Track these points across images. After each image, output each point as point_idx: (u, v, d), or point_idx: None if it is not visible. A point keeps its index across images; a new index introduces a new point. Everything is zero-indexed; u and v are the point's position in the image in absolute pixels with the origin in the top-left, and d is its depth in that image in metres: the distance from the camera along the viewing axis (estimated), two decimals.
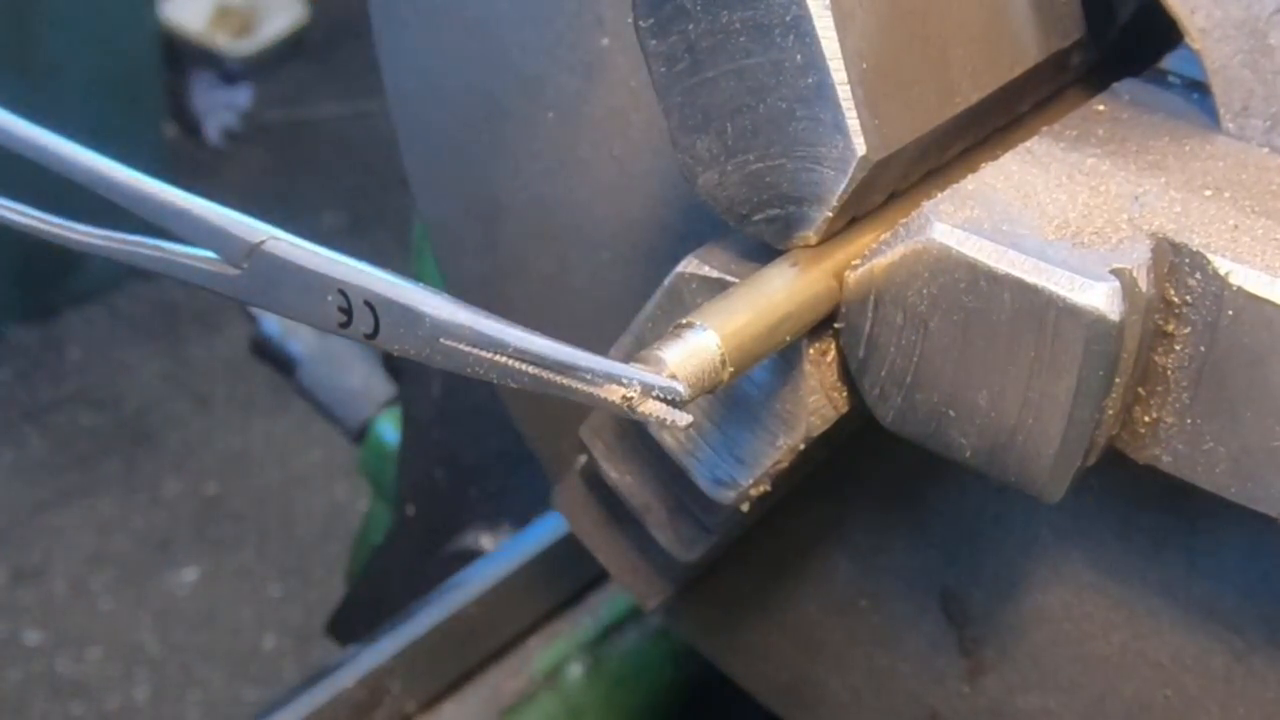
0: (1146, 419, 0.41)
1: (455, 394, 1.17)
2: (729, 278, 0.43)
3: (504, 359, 0.35)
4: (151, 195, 0.41)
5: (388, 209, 2.66)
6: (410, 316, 0.37)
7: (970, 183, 0.41)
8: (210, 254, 0.40)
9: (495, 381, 0.36)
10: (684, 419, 0.35)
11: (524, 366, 0.35)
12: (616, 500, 0.48)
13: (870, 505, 0.51)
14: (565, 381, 0.35)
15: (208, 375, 2.43)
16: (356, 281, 0.38)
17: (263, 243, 0.39)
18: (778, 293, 0.40)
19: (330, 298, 0.38)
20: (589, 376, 0.35)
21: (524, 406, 0.59)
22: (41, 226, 0.43)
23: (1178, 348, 0.40)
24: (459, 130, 0.54)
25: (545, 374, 0.35)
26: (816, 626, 0.55)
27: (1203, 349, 0.39)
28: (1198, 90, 0.44)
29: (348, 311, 0.38)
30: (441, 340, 0.36)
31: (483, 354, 0.36)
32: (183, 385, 2.43)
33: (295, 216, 2.50)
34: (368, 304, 0.37)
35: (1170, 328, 0.40)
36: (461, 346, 0.36)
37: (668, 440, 0.45)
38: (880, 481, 0.50)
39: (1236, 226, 0.39)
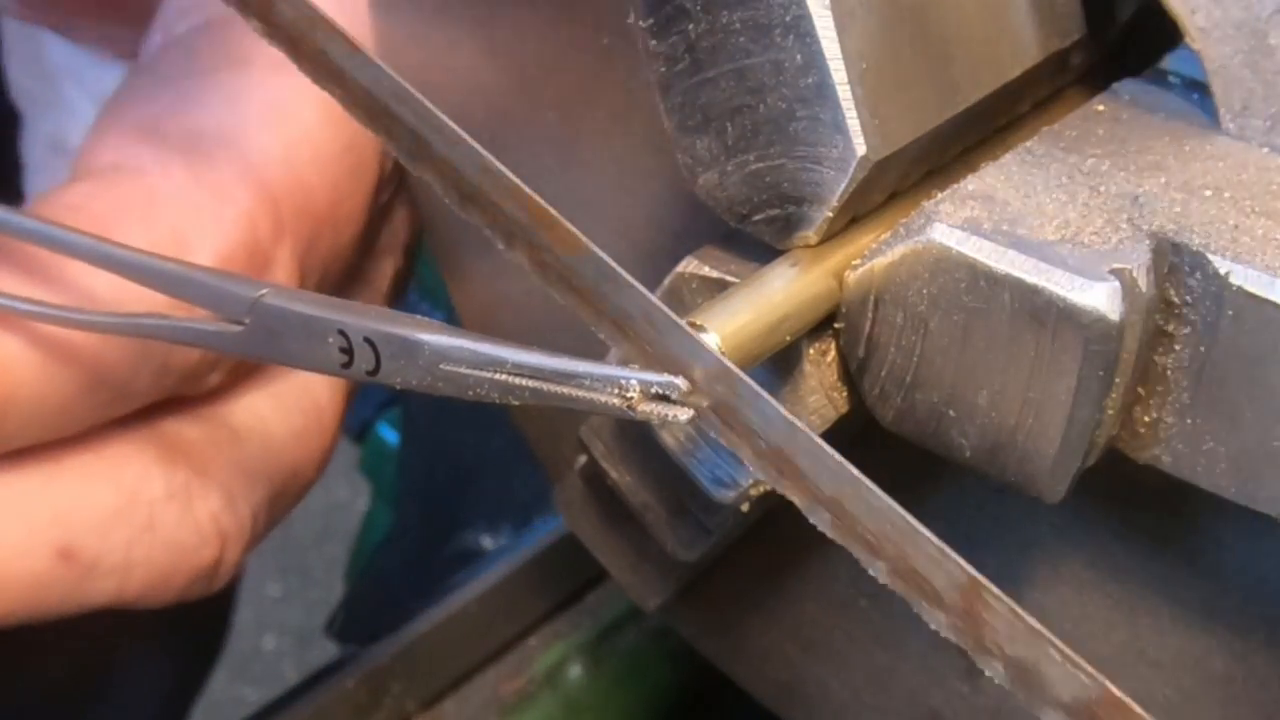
0: (1146, 419, 0.41)
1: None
2: (729, 278, 0.43)
3: (504, 376, 0.36)
4: (152, 266, 0.43)
5: None
6: (409, 346, 0.37)
7: (970, 183, 0.41)
8: (211, 315, 0.42)
9: (498, 401, 0.36)
10: (685, 414, 0.35)
11: (524, 382, 0.36)
12: (616, 500, 0.48)
13: None
14: (565, 391, 0.35)
15: None
16: (353, 320, 0.38)
17: (263, 295, 0.40)
18: (778, 293, 0.40)
19: (331, 339, 0.39)
20: (587, 382, 0.35)
21: (524, 408, 0.59)
22: (48, 313, 0.44)
23: (1178, 348, 0.40)
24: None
25: (545, 386, 0.36)
26: (816, 626, 0.55)
27: (1203, 349, 0.39)
28: (1198, 90, 0.44)
29: (349, 351, 0.38)
30: (441, 366, 0.36)
31: (483, 374, 0.36)
32: None
33: None
34: (367, 340, 0.38)
35: (1170, 328, 0.40)
36: (462, 370, 0.36)
37: (668, 440, 0.45)
38: (880, 481, 0.50)
39: (1236, 226, 0.39)
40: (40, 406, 0.45)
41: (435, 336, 0.37)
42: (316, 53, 0.37)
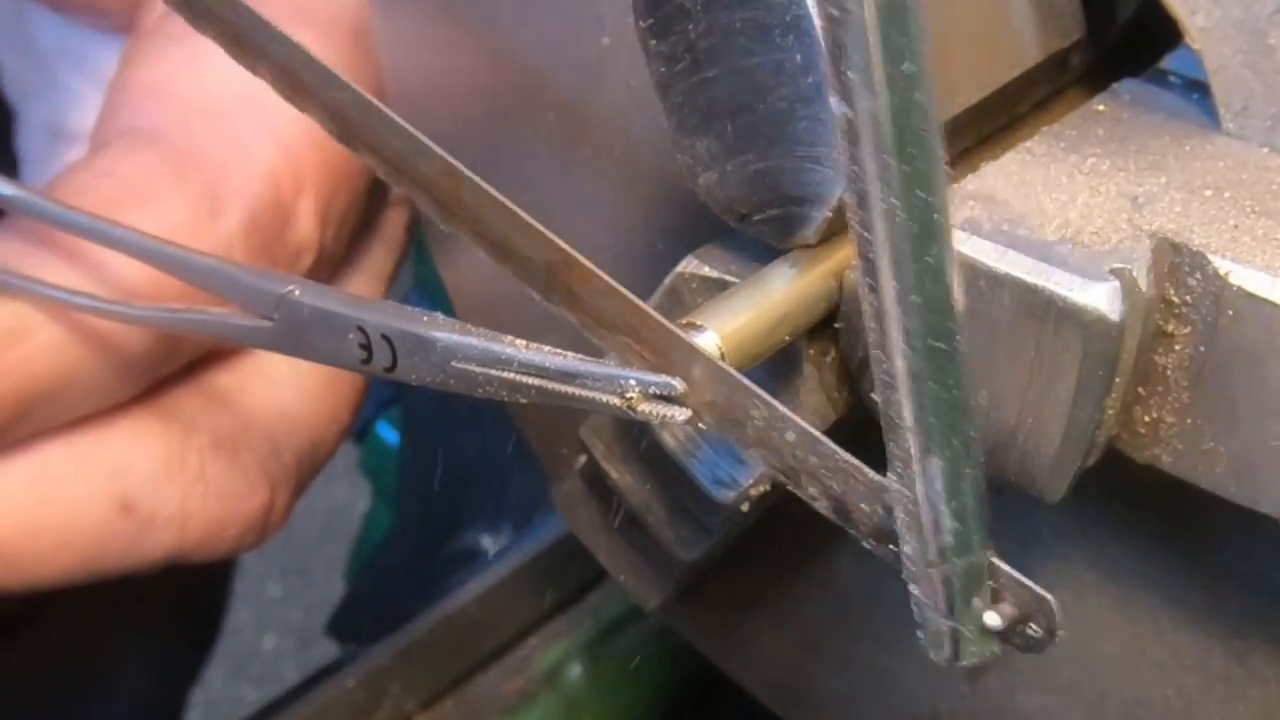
0: (1146, 419, 0.41)
1: (455, 395, 1.17)
2: (729, 278, 0.43)
3: (511, 374, 0.36)
4: (185, 259, 0.44)
5: None
6: (423, 343, 0.38)
7: (970, 183, 0.41)
8: (241, 310, 0.43)
9: (505, 399, 0.37)
10: (683, 414, 0.35)
11: (529, 380, 0.36)
12: (616, 500, 0.49)
13: None
14: (568, 390, 0.36)
15: None
16: (371, 316, 0.39)
17: (290, 291, 0.41)
18: (778, 293, 0.40)
19: (351, 335, 0.40)
20: (589, 382, 0.36)
21: (524, 408, 0.59)
22: (92, 305, 0.45)
23: (1178, 348, 0.40)
24: (459, 130, 0.54)
25: (549, 384, 0.36)
26: (816, 626, 0.55)
27: (1203, 349, 0.39)
28: (1198, 90, 0.44)
29: (368, 348, 0.39)
30: (453, 363, 0.37)
31: (491, 372, 0.37)
32: None
33: None
34: (384, 337, 0.38)
35: (1170, 328, 0.40)
36: (472, 367, 0.37)
37: (668, 440, 0.45)
38: None
39: (1236, 226, 0.39)
40: (89, 385, 0.47)
41: (447, 334, 0.37)
42: (302, 85, 0.37)
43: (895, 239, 0.30)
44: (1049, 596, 0.34)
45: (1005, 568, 0.35)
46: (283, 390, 0.53)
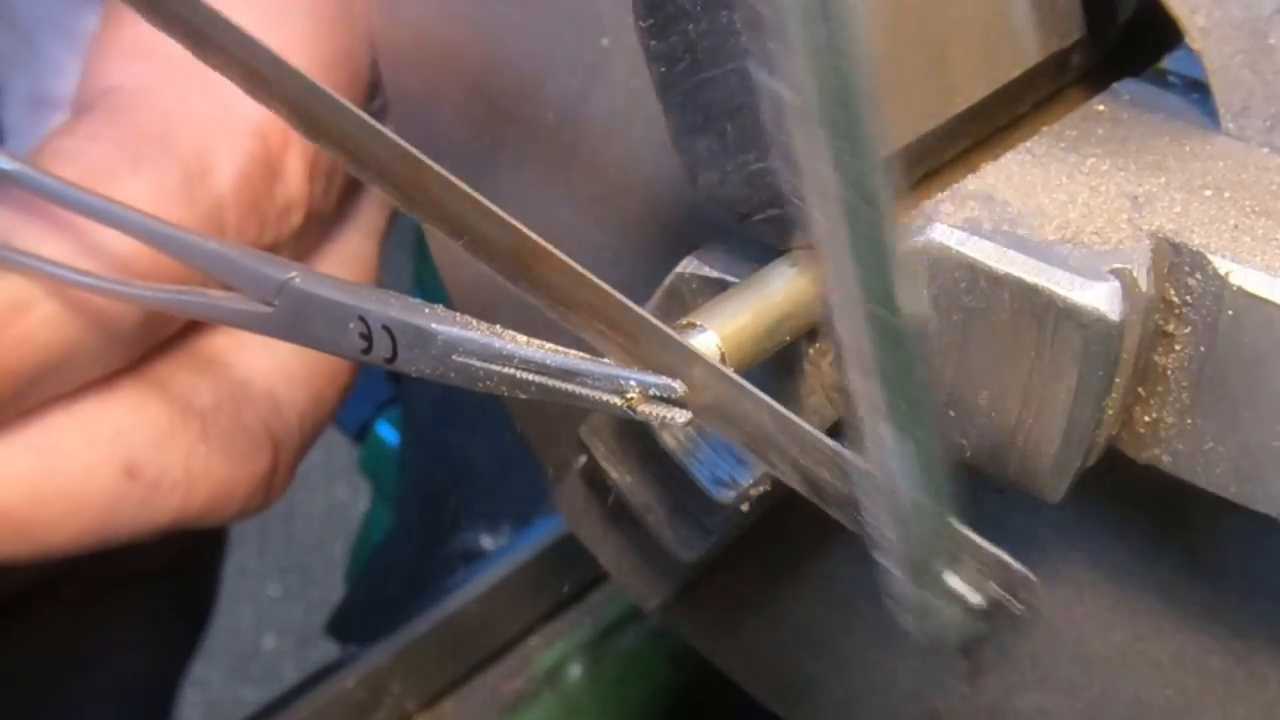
0: (1146, 419, 0.41)
1: (455, 394, 1.17)
2: (729, 278, 0.43)
3: (511, 370, 0.36)
4: (187, 240, 0.44)
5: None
6: (424, 335, 0.38)
7: (970, 183, 0.41)
8: (241, 294, 0.43)
9: (505, 394, 0.37)
10: (683, 415, 0.35)
11: (530, 376, 0.36)
12: (616, 500, 0.49)
13: None
14: (569, 388, 0.36)
15: None
16: (373, 306, 0.39)
17: (292, 278, 0.41)
18: (778, 293, 0.40)
19: (352, 325, 0.39)
20: (590, 381, 0.36)
21: (524, 407, 0.59)
22: (93, 283, 0.45)
23: (1178, 348, 0.40)
24: (459, 130, 0.54)
25: (550, 382, 0.36)
26: (816, 626, 0.55)
27: (1203, 349, 0.39)
28: (1198, 90, 0.44)
29: (368, 338, 0.39)
30: (453, 357, 0.37)
31: (491, 367, 0.37)
32: None
33: None
34: (385, 328, 0.38)
35: (1170, 328, 0.40)
36: (473, 362, 0.37)
37: (668, 440, 0.45)
38: None
39: (1236, 226, 0.39)
40: (90, 354, 0.47)
41: (448, 328, 0.37)
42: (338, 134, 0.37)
43: (833, 214, 0.30)
44: (1026, 571, 0.34)
45: (982, 542, 0.34)
46: (281, 348, 0.53)
